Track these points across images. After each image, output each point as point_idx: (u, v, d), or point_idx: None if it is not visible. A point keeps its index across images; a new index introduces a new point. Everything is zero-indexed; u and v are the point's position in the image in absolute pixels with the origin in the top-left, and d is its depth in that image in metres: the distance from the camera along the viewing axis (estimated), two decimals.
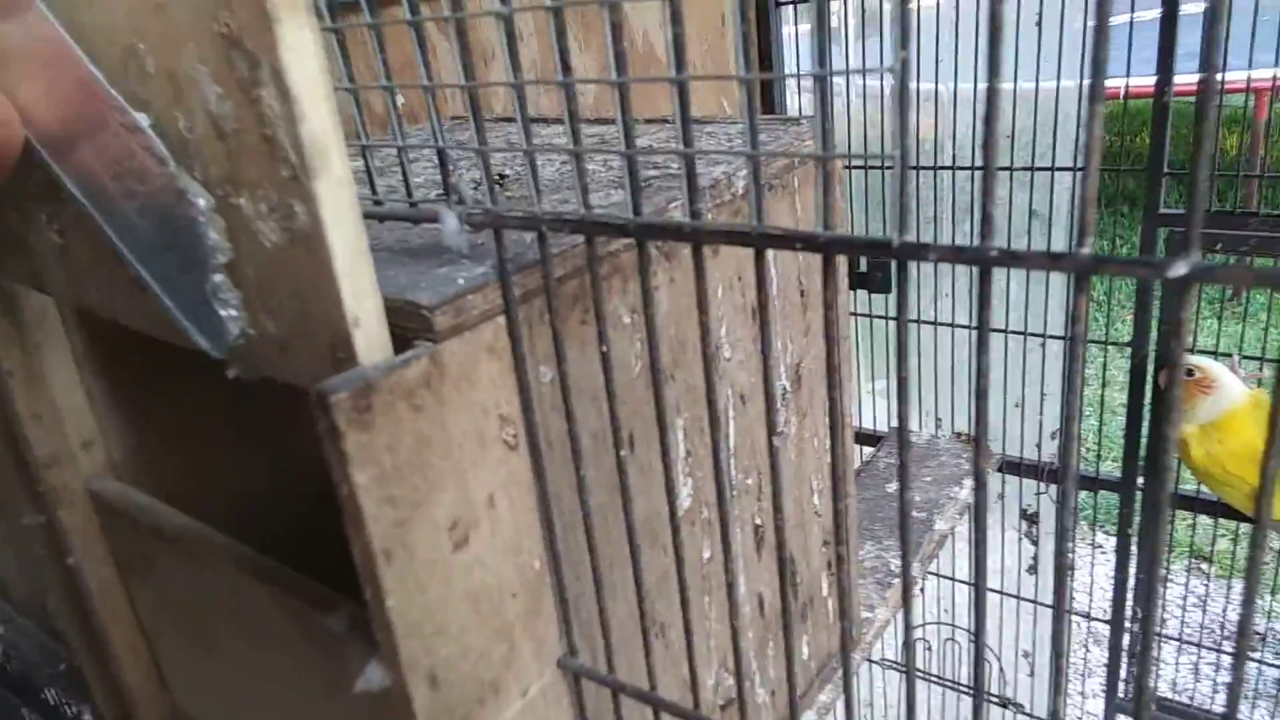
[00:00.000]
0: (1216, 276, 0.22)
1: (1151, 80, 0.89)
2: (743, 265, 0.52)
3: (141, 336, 0.61)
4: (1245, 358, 1.02)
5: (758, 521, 0.58)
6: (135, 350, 0.60)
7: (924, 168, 1.20)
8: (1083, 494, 2.40)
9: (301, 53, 0.29)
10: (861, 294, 1.27)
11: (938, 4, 1.13)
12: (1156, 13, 0.89)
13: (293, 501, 0.70)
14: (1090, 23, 0.24)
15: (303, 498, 0.72)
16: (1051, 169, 1.06)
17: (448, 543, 0.38)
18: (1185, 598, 2.10)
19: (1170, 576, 2.25)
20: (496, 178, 0.54)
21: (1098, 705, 1.91)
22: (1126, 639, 1.13)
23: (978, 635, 0.31)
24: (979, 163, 1.14)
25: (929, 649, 1.42)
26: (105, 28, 0.34)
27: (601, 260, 0.43)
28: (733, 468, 0.55)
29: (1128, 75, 1.06)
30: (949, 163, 1.17)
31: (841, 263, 0.61)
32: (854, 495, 0.70)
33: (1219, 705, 1.57)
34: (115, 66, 0.34)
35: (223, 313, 0.36)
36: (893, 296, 1.23)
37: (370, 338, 0.34)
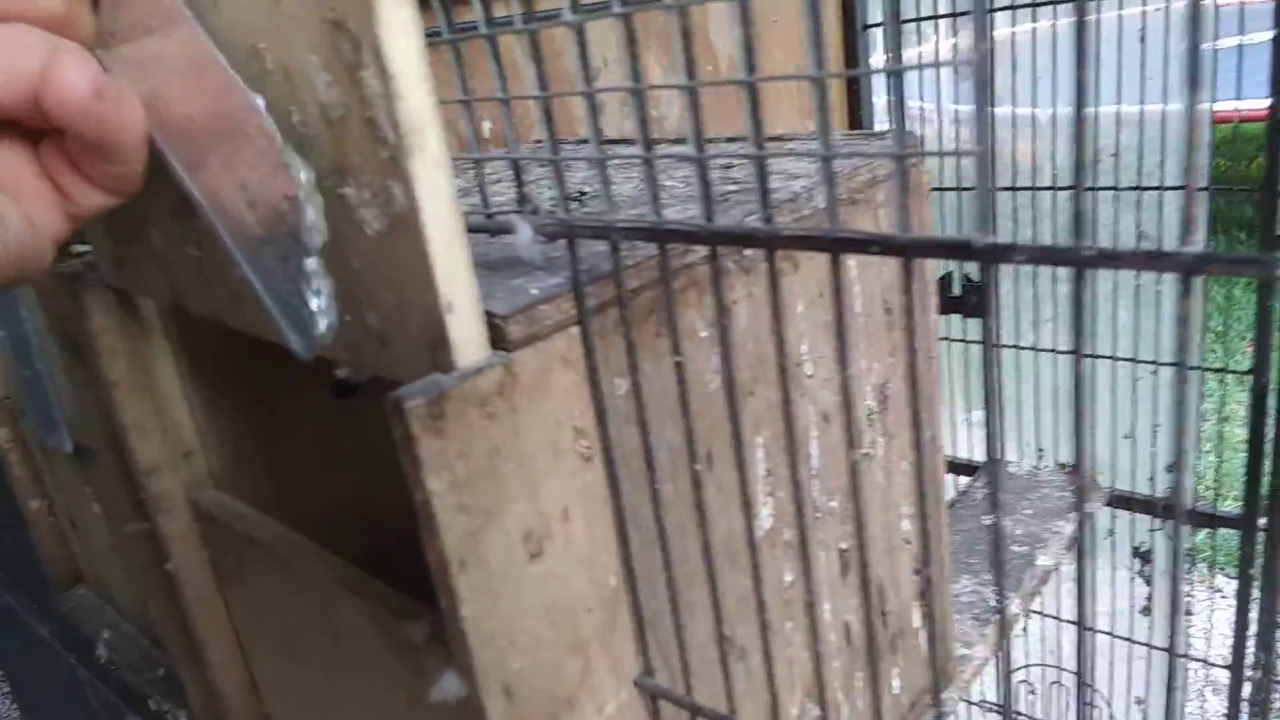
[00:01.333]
0: None
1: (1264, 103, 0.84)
2: (826, 280, 0.50)
3: (241, 350, 0.64)
4: None
5: (843, 546, 0.56)
6: (235, 364, 0.63)
7: (1022, 188, 1.16)
8: (1201, 534, 2.25)
9: (400, 32, 0.30)
10: (955, 320, 1.23)
11: (1033, 31, 1.10)
12: (1268, 35, 0.85)
13: (382, 516, 0.72)
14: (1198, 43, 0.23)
15: (392, 513, 0.73)
16: (1160, 188, 1.01)
17: (522, 554, 0.38)
18: None
19: None
20: (577, 194, 0.55)
21: None
22: (1247, 687, 1.05)
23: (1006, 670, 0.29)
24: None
25: (1032, 691, 1.35)
26: (231, 30, 0.36)
27: (677, 272, 0.42)
28: (816, 489, 0.53)
29: (1239, 98, 1.01)
30: (1049, 184, 1.13)
31: (925, 274, 0.59)
32: (944, 517, 0.67)
33: None
34: (241, 69, 0.36)
35: (313, 303, 0.37)
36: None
37: (465, 325, 0.34)
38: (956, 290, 1.22)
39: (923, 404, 0.61)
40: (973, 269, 1.14)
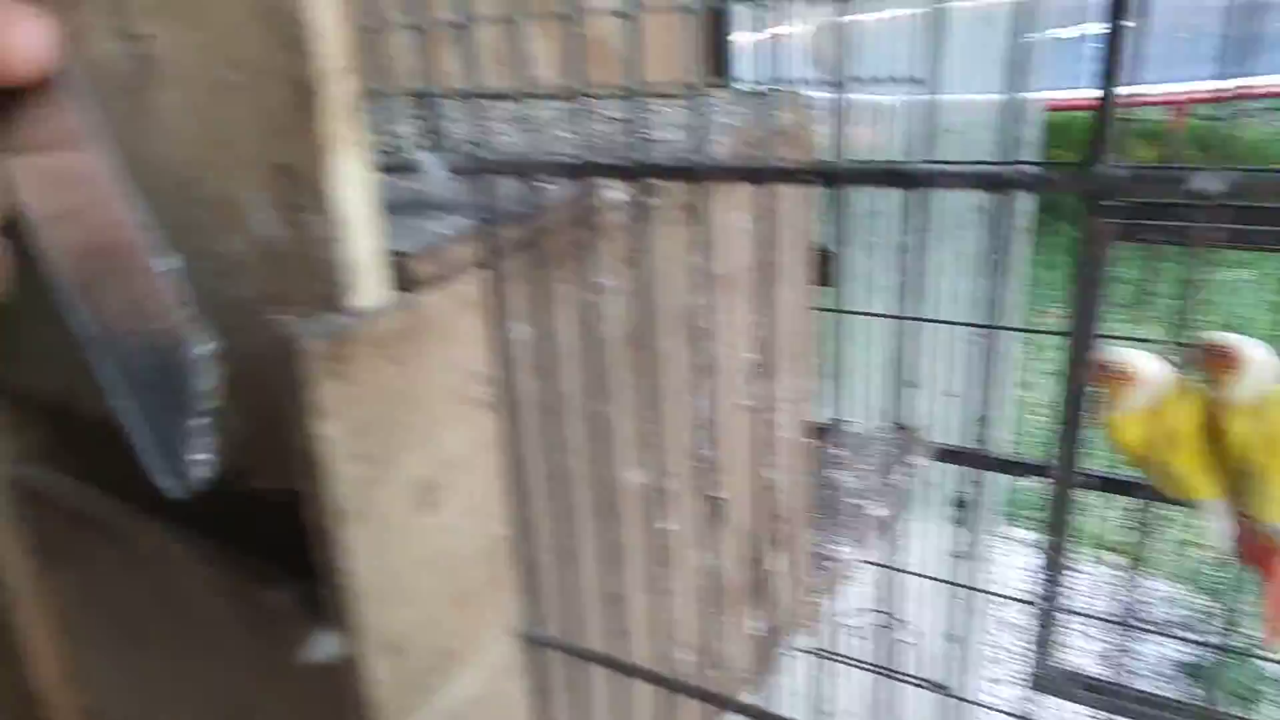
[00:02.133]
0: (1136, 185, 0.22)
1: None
2: (714, 233, 0.51)
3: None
4: (1177, 343, 1.06)
5: (716, 495, 0.57)
6: None
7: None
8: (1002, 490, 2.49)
9: (350, 183, 0.31)
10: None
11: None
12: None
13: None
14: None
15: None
16: (992, 164, 1.09)
17: (416, 505, 0.36)
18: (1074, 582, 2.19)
19: (1080, 567, 2.35)
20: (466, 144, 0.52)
21: (1009, 690, 1.99)
22: (1040, 620, 1.17)
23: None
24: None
25: (863, 637, 1.45)
26: (167, 159, 0.34)
27: (582, 218, 0.41)
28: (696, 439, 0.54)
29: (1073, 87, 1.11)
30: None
31: (806, 225, 0.61)
32: (809, 466, 0.69)
33: (1134, 683, 1.64)
34: (169, 195, 0.34)
35: (192, 457, 0.34)
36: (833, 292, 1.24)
37: None
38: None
39: (793, 356, 0.63)
40: (829, 238, 1.19)
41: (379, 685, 0.37)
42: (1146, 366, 1.00)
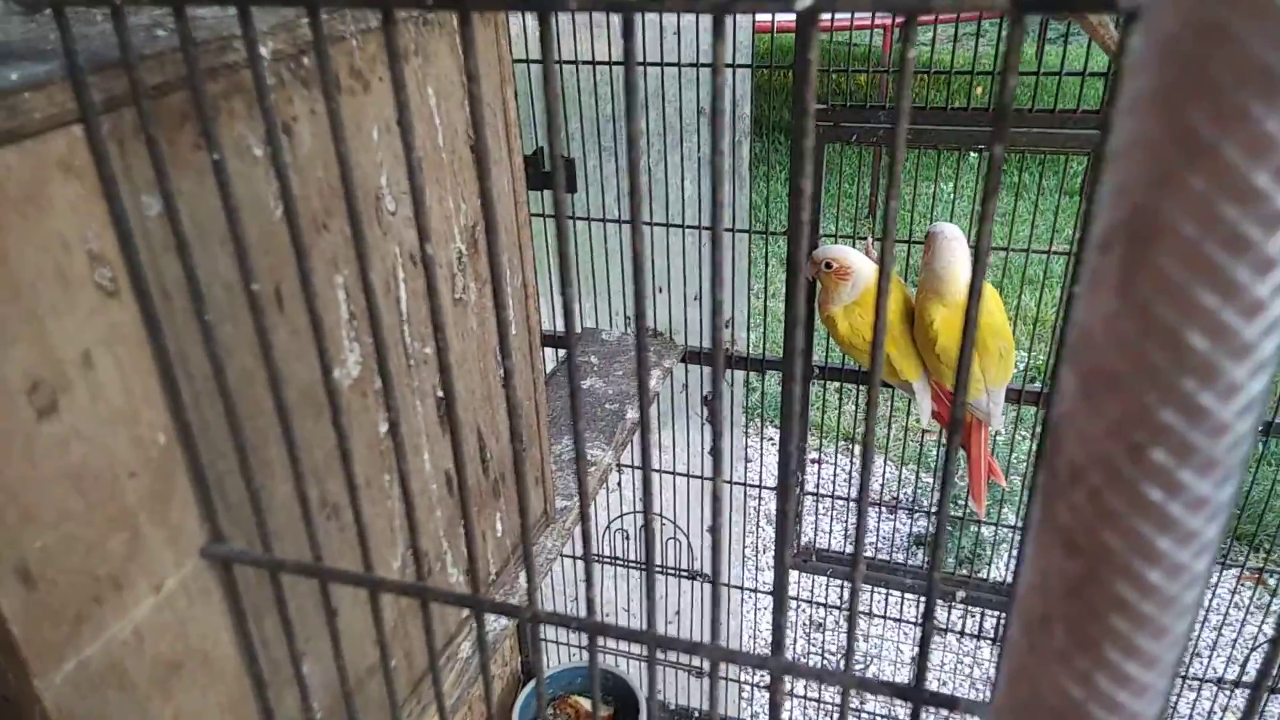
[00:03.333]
0: (839, 5, 0.22)
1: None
2: (389, 106, 0.47)
3: None
4: (876, 239, 1.15)
5: (440, 393, 0.55)
6: None
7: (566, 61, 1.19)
8: (754, 395, 2.65)
9: None
10: (549, 198, 1.26)
11: None
12: None
13: None
14: None
15: None
16: (712, 66, 1.10)
17: (28, 409, 0.31)
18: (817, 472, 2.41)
19: (827, 458, 2.57)
20: None
21: (770, 575, 2.15)
22: (785, 506, 1.26)
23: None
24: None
25: (627, 537, 1.50)
26: None
27: (216, 72, 0.36)
28: (408, 334, 0.51)
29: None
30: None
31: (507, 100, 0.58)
32: (539, 361, 0.68)
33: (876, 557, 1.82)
34: None
35: None
36: (578, 200, 1.23)
37: None
38: (548, 166, 1.25)
39: (509, 246, 0.61)
40: (565, 145, 1.17)
41: (14, 621, 0.31)
42: (856, 261, 1.09)
